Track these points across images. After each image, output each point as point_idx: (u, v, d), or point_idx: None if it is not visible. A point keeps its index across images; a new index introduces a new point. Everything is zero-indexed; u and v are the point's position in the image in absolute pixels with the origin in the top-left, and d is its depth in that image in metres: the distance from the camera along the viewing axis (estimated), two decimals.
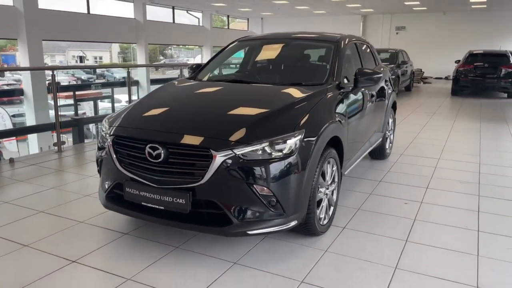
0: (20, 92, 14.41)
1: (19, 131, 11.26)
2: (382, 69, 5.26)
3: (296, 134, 2.73)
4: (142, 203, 2.77)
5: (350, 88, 3.72)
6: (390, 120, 5.43)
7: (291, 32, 4.42)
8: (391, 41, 23.45)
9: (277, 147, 2.66)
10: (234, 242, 3.00)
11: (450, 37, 21.84)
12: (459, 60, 14.44)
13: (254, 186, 2.60)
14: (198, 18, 23.18)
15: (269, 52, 4.29)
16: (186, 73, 7.56)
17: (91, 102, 17.40)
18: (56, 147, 5.61)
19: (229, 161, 2.56)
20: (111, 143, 2.90)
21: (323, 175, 3.08)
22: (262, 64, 4.32)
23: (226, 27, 26.43)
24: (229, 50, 4.42)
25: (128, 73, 6.73)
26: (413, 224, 3.42)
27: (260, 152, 2.62)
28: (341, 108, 3.45)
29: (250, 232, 2.64)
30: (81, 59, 43.85)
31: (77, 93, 16.50)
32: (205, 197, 2.64)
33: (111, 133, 2.93)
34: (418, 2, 18.36)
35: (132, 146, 2.80)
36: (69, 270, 2.63)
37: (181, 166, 2.66)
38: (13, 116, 17.64)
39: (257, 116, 2.86)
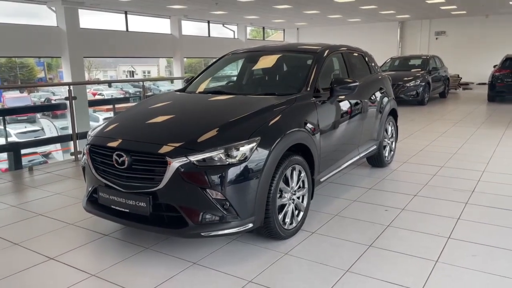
0: (64, 106, 15.45)
1: (41, 142, 12.61)
2: (379, 77, 5.28)
3: (251, 141, 2.88)
4: (112, 206, 3.02)
5: (327, 97, 3.81)
6: (390, 128, 5.40)
7: (279, 44, 4.58)
8: (430, 47, 22.88)
9: (231, 153, 2.82)
10: (202, 244, 3.18)
11: (494, 41, 20.94)
12: (497, 65, 13.86)
13: (208, 190, 2.77)
14: (234, 31, 23.74)
15: (253, 64, 4.47)
16: None
17: None
18: (73, 156, 6.07)
19: (184, 167, 2.76)
20: (87, 151, 3.19)
21: (287, 181, 3.20)
22: (245, 75, 4.50)
23: (262, 38, 26.86)
24: (221, 62, 4.65)
25: (143, 86, 7.16)
26: (384, 230, 3.44)
27: (214, 158, 2.80)
28: (312, 117, 3.55)
29: (204, 234, 2.81)
30: (131, 73, 46.00)
31: (117, 106, 17.54)
32: (164, 200, 2.84)
33: (88, 142, 3.22)
34: (455, 6, 17.82)
35: (103, 153, 3.08)
36: (45, 266, 2.92)
37: (143, 172, 2.89)
38: (62, 128, 18.91)
39: (216, 124, 3.04)
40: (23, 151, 14.81)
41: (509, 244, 3.14)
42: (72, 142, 6.44)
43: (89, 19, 16.72)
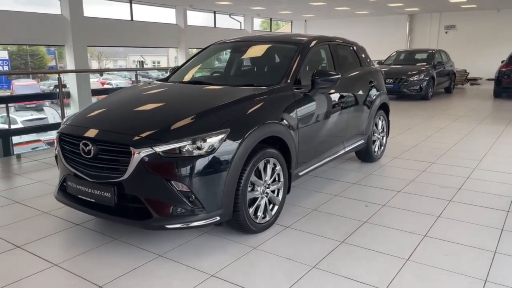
0: (67, 94, 15.51)
1: (34, 130, 13.01)
2: (371, 70, 5.15)
3: (219, 132, 2.81)
4: (79, 196, 2.98)
5: (308, 89, 3.72)
6: (380, 123, 5.28)
7: (266, 35, 4.48)
8: (440, 41, 22.43)
9: (198, 145, 2.75)
10: (172, 237, 3.13)
11: (505, 36, 20.45)
12: (504, 60, 13.56)
13: (173, 182, 2.71)
14: (240, 22, 23.57)
15: (237, 55, 4.38)
16: None
17: None
18: None
19: (149, 158, 2.70)
20: (58, 139, 3.15)
21: (259, 174, 3.13)
22: (228, 66, 4.41)
23: (272, 30, 26.64)
24: (206, 53, 4.58)
25: (136, 75, 7.12)
26: (360, 226, 3.36)
27: (181, 149, 2.73)
28: (290, 109, 3.46)
29: (168, 226, 2.75)
30: (141, 63, 46.19)
31: None
32: (128, 191, 2.79)
33: (58, 131, 3.18)
34: (465, 0, 17.44)
35: (72, 142, 3.03)
36: (10, 254, 2.90)
37: (108, 161, 2.84)
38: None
39: (186, 115, 2.96)
40: (26, 138, 15.03)
41: (483, 243, 3.05)
42: None
43: (93, 8, 16.69)
